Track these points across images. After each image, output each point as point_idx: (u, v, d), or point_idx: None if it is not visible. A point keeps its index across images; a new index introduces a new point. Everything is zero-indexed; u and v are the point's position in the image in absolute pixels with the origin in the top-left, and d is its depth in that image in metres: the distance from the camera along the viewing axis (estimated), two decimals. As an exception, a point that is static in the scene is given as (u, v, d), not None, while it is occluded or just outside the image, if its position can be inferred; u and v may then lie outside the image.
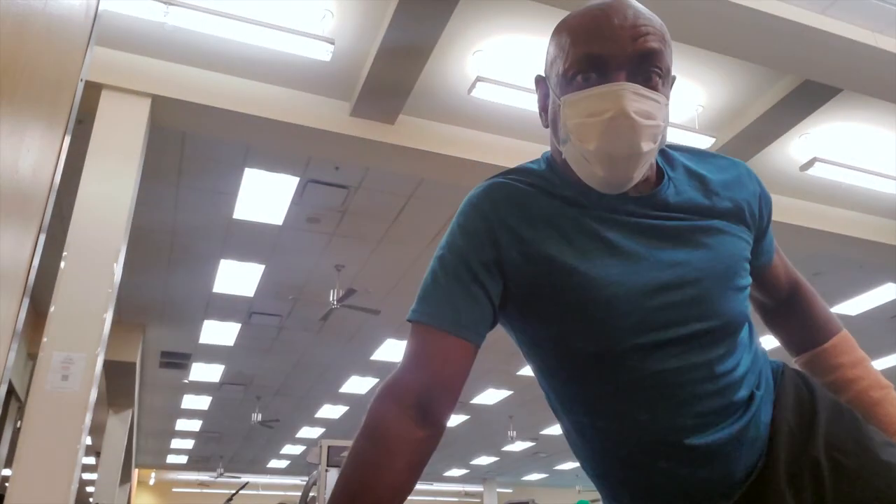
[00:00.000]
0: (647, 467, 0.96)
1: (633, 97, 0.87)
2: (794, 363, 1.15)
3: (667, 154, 1.04)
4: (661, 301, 0.91)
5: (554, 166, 1.02)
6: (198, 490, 21.29)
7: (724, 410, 0.93)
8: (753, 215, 1.02)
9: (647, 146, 0.88)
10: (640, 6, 0.94)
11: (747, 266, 1.00)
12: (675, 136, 5.00)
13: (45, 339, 3.52)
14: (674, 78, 0.97)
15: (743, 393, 0.95)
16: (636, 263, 0.93)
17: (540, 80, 1.04)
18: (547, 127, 1.02)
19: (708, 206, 0.98)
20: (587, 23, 0.92)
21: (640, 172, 0.91)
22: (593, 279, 0.91)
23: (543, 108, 1.03)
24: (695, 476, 0.94)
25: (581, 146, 0.90)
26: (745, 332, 0.99)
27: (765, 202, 1.05)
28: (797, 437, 0.98)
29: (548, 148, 1.08)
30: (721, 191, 1.00)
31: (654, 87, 0.90)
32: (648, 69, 0.90)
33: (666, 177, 0.99)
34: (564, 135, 0.93)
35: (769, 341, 1.18)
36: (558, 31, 0.96)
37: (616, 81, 0.88)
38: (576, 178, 0.96)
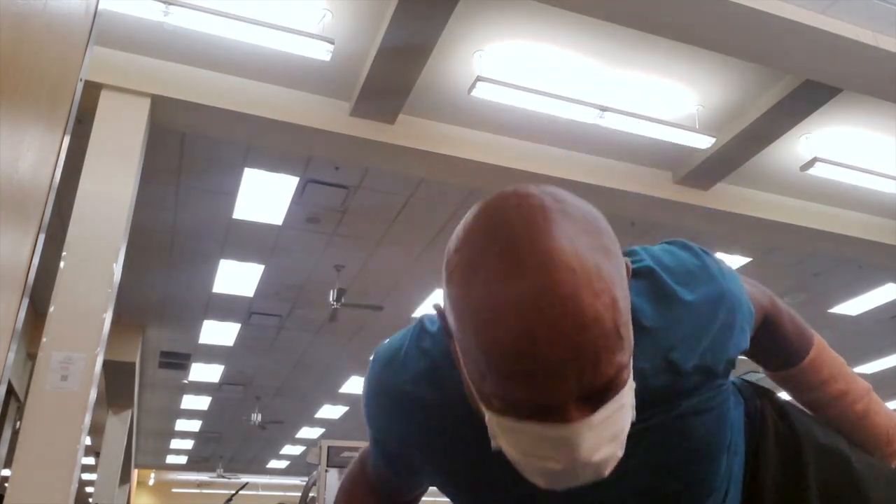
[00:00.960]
0: None
1: (589, 437, 0.62)
2: (768, 376, 1.11)
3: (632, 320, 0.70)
4: None
5: (447, 361, 0.79)
6: (197, 490, 21.29)
7: None
8: (725, 359, 0.83)
9: (616, 456, 0.66)
10: (585, 290, 0.59)
11: (727, 430, 0.87)
12: (674, 136, 5.01)
13: (44, 339, 3.52)
14: (629, 264, 0.71)
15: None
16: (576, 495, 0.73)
17: (442, 316, 0.71)
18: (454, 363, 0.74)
19: (672, 393, 0.79)
20: (508, 358, 0.59)
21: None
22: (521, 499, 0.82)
23: (448, 337, 0.72)
24: None
25: (523, 469, 0.67)
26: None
27: (743, 336, 0.86)
28: (786, 494, 0.95)
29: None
30: (689, 361, 0.79)
31: (614, 394, 0.63)
32: (606, 392, 0.62)
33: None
34: (490, 430, 0.67)
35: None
36: (456, 305, 0.64)
37: (565, 421, 0.61)
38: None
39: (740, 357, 0.89)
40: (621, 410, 0.64)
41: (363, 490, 1.04)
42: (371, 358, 0.90)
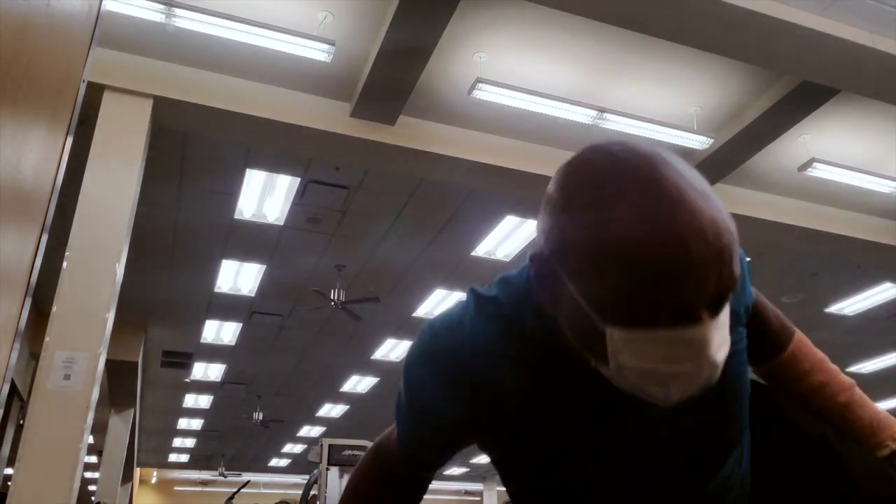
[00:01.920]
0: None
1: (716, 336, 0.67)
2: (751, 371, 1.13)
3: None
4: (652, 457, 0.87)
5: (528, 317, 0.84)
6: (199, 489, 21.29)
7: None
8: (743, 304, 0.92)
9: (724, 356, 0.71)
10: (700, 187, 0.68)
11: (747, 370, 0.94)
12: (673, 137, 5.02)
13: (47, 339, 3.54)
14: None
15: (733, 491, 0.95)
16: (620, 432, 0.85)
17: (542, 261, 0.74)
18: (545, 304, 0.77)
19: None
20: (647, 259, 0.64)
21: None
22: (571, 450, 0.86)
23: (544, 287, 0.75)
24: None
25: (641, 384, 0.71)
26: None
27: (745, 270, 0.93)
28: (786, 495, 0.98)
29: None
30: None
31: (729, 297, 0.69)
32: (727, 298, 0.68)
33: None
34: (611, 363, 0.71)
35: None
36: (578, 233, 0.68)
37: (697, 322, 0.66)
38: (560, 341, 0.78)
39: None
40: (727, 316, 0.70)
41: (377, 477, 1.03)
42: (424, 330, 0.89)
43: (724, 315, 0.68)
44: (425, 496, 1.06)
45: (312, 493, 5.42)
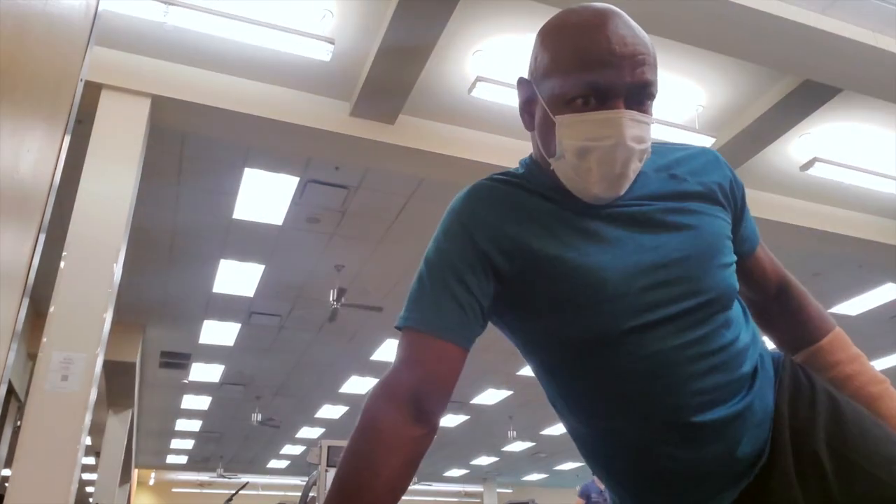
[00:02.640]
0: (653, 453, 0.96)
1: (631, 124, 0.91)
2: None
3: None
4: (647, 282, 0.93)
5: (533, 168, 1.05)
6: (198, 490, 21.30)
7: (727, 386, 0.94)
8: (727, 196, 1.06)
9: (637, 166, 0.94)
10: (632, 24, 0.95)
11: (729, 244, 1.03)
12: (675, 137, 5.01)
13: (44, 339, 3.53)
14: None
15: (746, 368, 0.97)
16: (618, 249, 0.95)
17: (524, 83, 1.03)
18: (530, 130, 1.04)
19: (678, 192, 1.01)
20: (587, 45, 0.92)
21: (627, 186, 0.96)
22: (579, 266, 0.94)
23: (528, 112, 1.03)
24: (701, 459, 0.94)
25: (578, 164, 0.94)
26: (737, 309, 1.01)
27: (737, 185, 1.10)
28: (798, 428, 0.98)
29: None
30: (689, 177, 1.03)
31: (646, 111, 0.94)
32: (643, 96, 0.93)
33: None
34: (558, 152, 0.95)
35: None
36: (552, 41, 0.97)
37: (616, 108, 0.91)
38: (554, 179, 1.00)
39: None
40: (647, 128, 0.94)
41: (390, 417, 0.91)
42: (462, 192, 1.04)
43: (642, 119, 0.92)
44: (425, 497, 1.03)
45: (311, 494, 5.41)
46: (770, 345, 1.19)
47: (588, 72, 0.91)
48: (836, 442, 0.96)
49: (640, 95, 0.93)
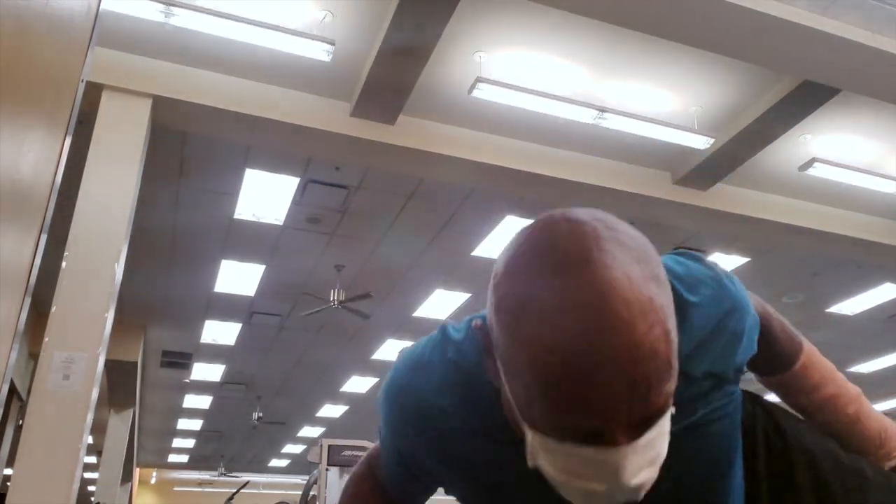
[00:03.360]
0: None
1: (634, 459, 0.63)
2: (761, 382, 1.11)
3: None
4: None
5: (480, 372, 0.78)
6: (199, 489, 21.28)
7: None
8: (734, 366, 0.87)
9: (653, 474, 0.66)
10: (628, 309, 0.60)
11: (737, 433, 0.90)
12: (673, 137, 5.02)
13: (46, 339, 3.53)
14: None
15: None
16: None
17: (481, 332, 0.73)
18: (498, 386, 0.74)
19: (688, 400, 0.80)
20: (562, 385, 0.60)
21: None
22: None
23: (490, 358, 0.72)
24: None
25: (559, 485, 0.68)
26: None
27: (742, 331, 0.86)
28: (779, 494, 0.96)
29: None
30: (696, 367, 0.80)
31: (658, 420, 0.64)
32: (652, 420, 0.63)
33: None
34: (529, 448, 0.68)
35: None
36: (508, 329, 0.64)
37: (611, 446, 0.62)
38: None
39: None
40: (661, 436, 0.65)
41: (369, 488, 1.03)
42: (394, 361, 0.90)
43: (655, 433, 0.63)
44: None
45: (312, 493, 5.41)
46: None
47: (565, 418, 0.62)
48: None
49: (647, 420, 0.63)
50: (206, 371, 10.82)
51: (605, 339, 0.58)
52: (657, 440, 0.64)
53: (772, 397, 1.08)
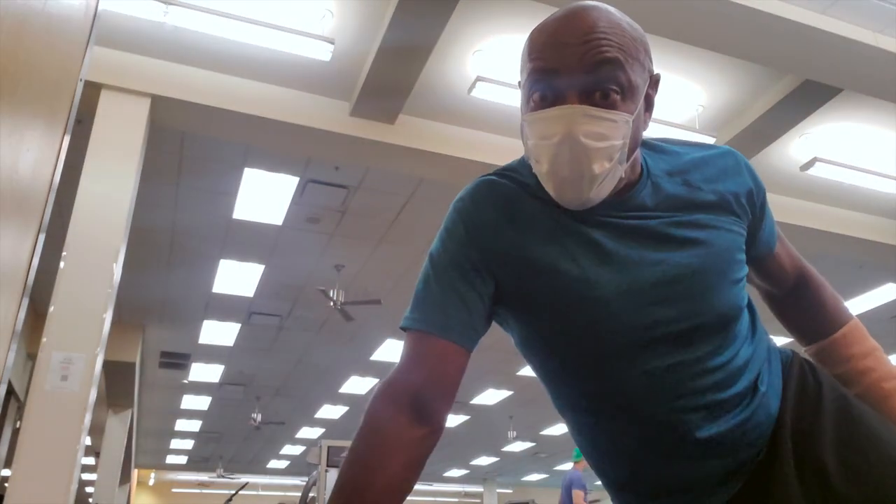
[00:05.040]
0: (648, 462, 0.96)
1: (584, 120, 0.84)
2: (804, 353, 1.14)
3: (654, 151, 1.02)
4: (646, 300, 0.91)
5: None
6: (197, 490, 21.29)
7: (724, 403, 0.93)
8: (742, 205, 0.99)
9: (600, 167, 0.85)
10: (605, 14, 0.88)
11: (741, 257, 0.98)
12: (674, 136, 5.00)
13: (44, 340, 3.52)
14: (657, 77, 0.96)
15: (743, 384, 0.95)
16: (619, 263, 0.91)
17: (519, 86, 0.99)
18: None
19: (689, 202, 0.96)
20: (541, 35, 0.89)
21: (600, 191, 0.89)
22: (576, 281, 0.91)
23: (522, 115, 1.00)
24: (698, 468, 0.95)
25: (536, 167, 0.90)
26: (741, 324, 0.98)
27: (757, 193, 1.02)
28: (802, 435, 0.97)
29: None
30: (704, 184, 0.97)
31: (611, 105, 0.86)
32: (604, 86, 0.85)
33: (644, 177, 0.97)
34: (527, 152, 0.92)
35: (780, 332, 1.17)
36: (526, 41, 0.93)
37: (566, 104, 0.85)
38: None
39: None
40: (614, 126, 0.85)
41: (392, 419, 0.90)
42: (466, 189, 1.01)
43: (606, 116, 0.85)
44: (425, 498, 1.02)
45: (311, 494, 5.40)
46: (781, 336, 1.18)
47: (538, 61, 0.87)
48: (841, 445, 0.94)
49: (600, 84, 0.85)
50: (205, 372, 10.81)
51: (575, 15, 0.87)
52: (608, 125, 0.85)
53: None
